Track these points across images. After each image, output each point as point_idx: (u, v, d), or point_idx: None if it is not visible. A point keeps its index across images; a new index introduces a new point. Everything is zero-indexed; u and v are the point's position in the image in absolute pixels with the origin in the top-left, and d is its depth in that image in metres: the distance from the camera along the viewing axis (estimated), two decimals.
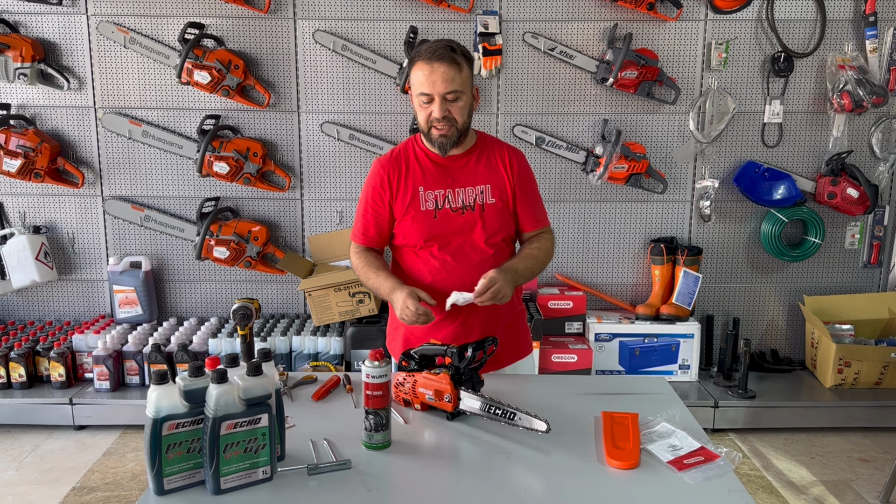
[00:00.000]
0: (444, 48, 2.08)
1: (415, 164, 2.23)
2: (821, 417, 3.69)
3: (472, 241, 2.22)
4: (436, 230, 2.21)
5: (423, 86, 2.09)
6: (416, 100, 2.13)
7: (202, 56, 3.60)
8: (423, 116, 2.14)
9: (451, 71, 2.07)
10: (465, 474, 1.67)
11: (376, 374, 1.70)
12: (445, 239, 2.22)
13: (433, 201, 2.21)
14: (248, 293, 4.00)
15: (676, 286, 3.83)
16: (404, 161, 2.24)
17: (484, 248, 2.22)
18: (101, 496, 3.04)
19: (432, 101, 2.10)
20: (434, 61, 2.06)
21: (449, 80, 2.07)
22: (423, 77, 2.09)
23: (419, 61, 2.09)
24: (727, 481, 1.62)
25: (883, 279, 4.11)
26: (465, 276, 2.18)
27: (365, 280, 2.26)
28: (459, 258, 2.21)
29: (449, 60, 2.07)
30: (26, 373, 3.60)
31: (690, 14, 3.79)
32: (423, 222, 2.20)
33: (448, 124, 2.12)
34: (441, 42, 2.11)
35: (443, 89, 2.07)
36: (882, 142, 3.92)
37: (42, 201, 3.92)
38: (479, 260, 2.21)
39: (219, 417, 1.47)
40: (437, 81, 2.07)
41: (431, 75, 2.07)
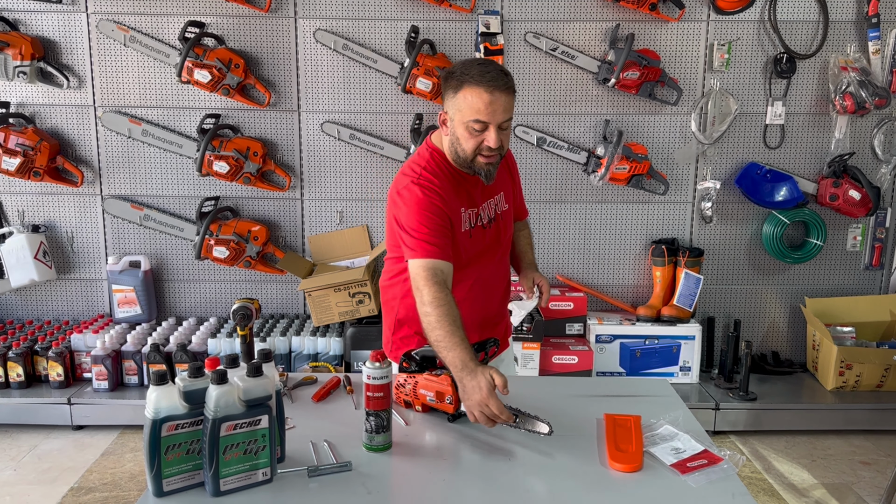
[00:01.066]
0: (499, 73, 1.96)
1: (452, 183, 2.10)
2: (822, 420, 3.68)
3: (497, 251, 2.24)
4: (471, 250, 2.15)
5: (481, 113, 1.94)
6: (464, 126, 1.97)
7: (202, 55, 3.59)
8: (471, 144, 1.99)
9: (509, 99, 1.97)
10: (466, 477, 1.66)
11: (377, 375, 1.69)
12: (478, 257, 2.18)
13: (468, 221, 2.13)
14: (248, 293, 3.99)
15: (677, 288, 3.81)
16: (445, 180, 2.08)
17: (503, 254, 2.29)
18: (100, 496, 3.03)
19: (485, 129, 1.97)
20: (496, 90, 1.93)
21: (508, 109, 1.98)
22: (480, 104, 1.93)
23: (475, 85, 1.94)
24: (731, 485, 1.61)
25: (884, 281, 4.10)
26: (494, 287, 2.25)
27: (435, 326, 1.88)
28: (491, 271, 2.23)
29: (508, 88, 1.96)
30: (24, 372, 3.59)
31: (693, 15, 3.78)
32: (463, 243, 2.12)
33: (497, 153, 2.03)
34: (493, 66, 1.98)
35: (502, 118, 1.97)
36: (884, 143, 3.91)
37: (41, 200, 3.90)
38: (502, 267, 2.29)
39: (218, 418, 1.46)
40: (497, 111, 1.95)
41: (492, 104, 1.94)
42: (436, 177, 2.06)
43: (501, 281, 2.29)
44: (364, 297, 3.66)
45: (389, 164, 3.88)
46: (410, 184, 2.05)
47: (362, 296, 3.66)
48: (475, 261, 2.16)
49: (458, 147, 2.02)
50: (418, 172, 2.07)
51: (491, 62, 2.03)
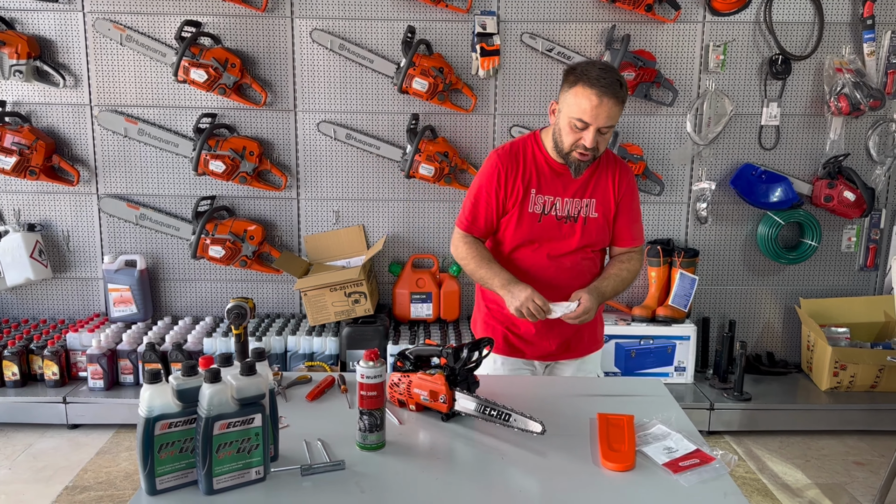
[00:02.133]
0: (616, 83, 2.07)
1: (531, 165, 2.26)
2: (816, 420, 3.69)
3: (567, 248, 2.30)
4: (537, 233, 2.28)
5: (585, 114, 2.08)
6: (568, 120, 2.13)
7: (199, 54, 3.59)
8: (570, 139, 2.14)
9: (616, 108, 2.08)
10: (459, 476, 1.67)
11: (371, 374, 1.69)
12: (543, 242, 2.29)
13: (541, 206, 2.27)
14: (244, 292, 3.99)
15: (673, 288, 3.82)
16: (522, 159, 2.26)
17: (576, 256, 2.33)
18: (95, 495, 3.03)
19: (586, 129, 2.10)
20: (605, 96, 2.05)
21: (611, 117, 2.08)
22: (586, 105, 2.07)
23: (587, 87, 2.07)
24: (722, 484, 1.62)
25: (879, 282, 4.11)
26: (556, 278, 2.31)
27: (473, 270, 2.29)
28: (553, 261, 2.30)
29: (617, 98, 2.07)
30: (20, 371, 3.58)
31: (688, 16, 3.79)
32: (528, 224, 2.27)
33: (592, 152, 2.15)
34: (612, 74, 2.08)
35: (603, 124, 2.08)
36: (879, 145, 3.92)
37: (37, 199, 3.90)
38: (570, 265, 2.32)
39: (212, 417, 1.46)
40: (600, 115, 2.07)
41: (598, 108, 2.06)
42: (515, 152, 2.27)
43: (577, 281, 2.32)
44: (360, 296, 3.66)
45: (385, 163, 3.88)
46: (493, 153, 2.32)
47: (358, 295, 3.66)
48: (540, 246, 2.29)
49: (559, 138, 2.18)
50: (503, 146, 2.32)
51: (613, 69, 2.12)
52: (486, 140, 3.88)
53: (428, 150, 3.69)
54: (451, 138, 3.86)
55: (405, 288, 3.91)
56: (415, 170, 3.72)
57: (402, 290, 3.91)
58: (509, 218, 2.29)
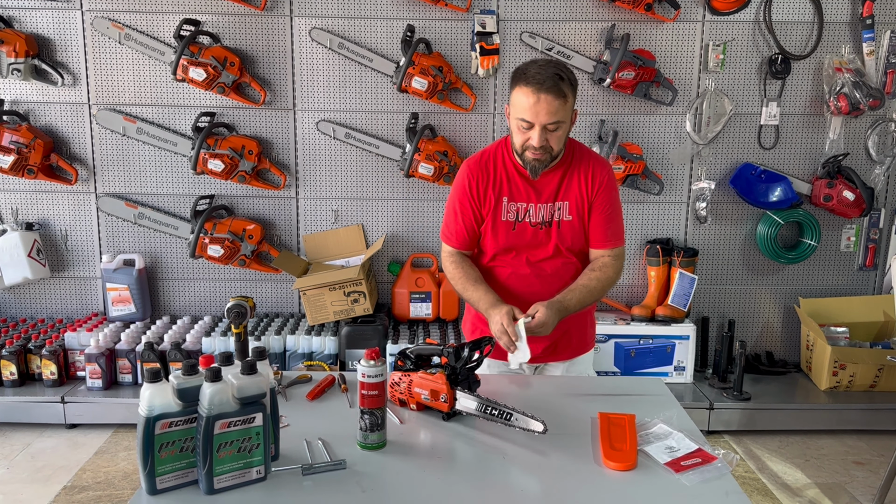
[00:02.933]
0: (553, 77, 2.03)
1: (502, 173, 2.23)
2: (816, 420, 3.69)
3: (545, 253, 2.28)
4: (513, 241, 2.27)
5: (525, 113, 2.06)
6: (515, 122, 2.12)
7: (198, 53, 3.58)
8: (519, 139, 2.13)
9: (556, 102, 2.04)
10: (460, 475, 1.66)
11: (372, 373, 1.69)
12: (521, 250, 2.28)
13: (514, 213, 2.24)
14: (243, 292, 3.98)
15: (672, 288, 3.82)
16: (492, 168, 2.24)
17: (556, 262, 2.29)
18: (93, 495, 3.02)
19: (532, 128, 2.08)
20: (542, 91, 2.02)
21: (553, 112, 2.05)
22: (526, 104, 2.05)
23: (524, 85, 2.05)
24: (724, 483, 1.61)
25: (878, 282, 4.11)
26: (537, 284, 2.28)
27: (461, 291, 2.28)
28: (533, 267, 2.28)
29: (556, 92, 2.03)
30: (18, 371, 3.57)
31: (688, 15, 3.78)
32: (503, 232, 2.26)
33: (544, 152, 2.12)
34: (549, 68, 2.05)
35: (545, 120, 2.05)
36: (878, 144, 3.93)
37: (35, 198, 3.89)
38: (551, 271, 2.30)
39: (212, 416, 1.45)
40: (540, 112, 2.04)
41: (536, 105, 2.04)
42: (485, 161, 2.25)
43: (556, 286, 2.25)
44: (359, 296, 3.65)
45: (385, 163, 3.88)
46: (463, 163, 2.31)
47: (357, 295, 3.65)
48: (518, 253, 2.28)
49: (512, 139, 2.19)
50: (473, 156, 2.31)
51: (554, 64, 2.09)
52: (485, 139, 3.88)
53: (427, 150, 3.68)
54: (451, 137, 3.85)
55: (404, 287, 3.90)
56: (414, 169, 3.72)
57: (401, 290, 3.90)
58: (485, 227, 2.27)
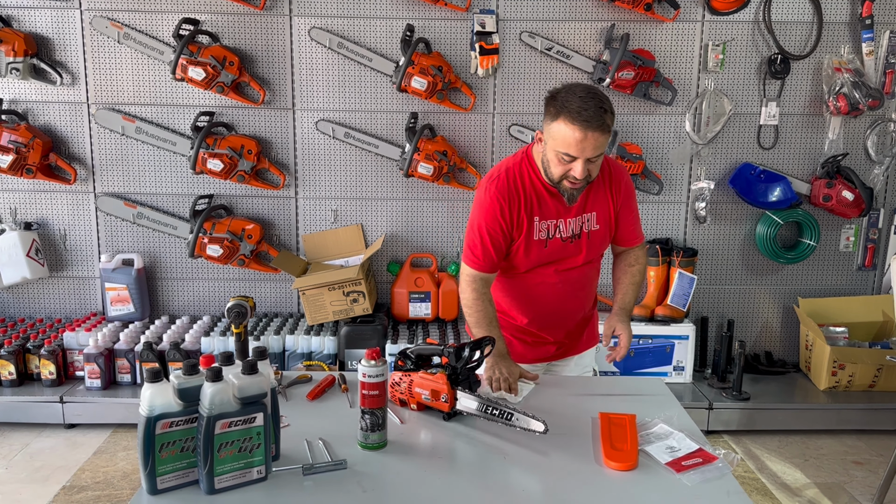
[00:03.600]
0: (598, 113, 1.97)
1: (531, 192, 2.18)
2: (815, 420, 3.69)
3: (574, 263, 2.30)
4: (545, 257, 2.26)
5: (570, 148, 2.00)
6: (554, 153, 2.05)
7: (197, 52, 3.58)
8: (559, 171, 2.07)
9: (602, 138, 2.00)
10: (461, 475, 1.66)
11: (373, 373, 1.69)
12: (551, 263, 2.27)
13: (545, 231, 2.22)
14: (242, 291, 3.98)
15: (671, 287, 3.82)
16: (521, 189, 2.17)
17: (582, 268, 2.32)
18: (92, 495, 3.01)
19: (574, 160, 2.03)
20: (589, 129, 1.96)
21: (599, 147, 2.01)
22: (571, 140, 1.98)
23: (569, 122, 1.98)
24: (725, 483, 1.62)
25: (877, 282, 4.12)
26: (563, 290, 2.31)
27: (474, 324, 2.23)
28: (560, 275, 2.29)
29: (603, 128, 1.98)
30: (16, 370, 3.57)
31: (688, 15, 3.78)
32: (535, 251, 2.24)
33: (584, 181, 2.09)
34: (592, 102, 1.98)
35: (591, 154, 2.01)
36: (877, 144, 3.93)
37: (33, 197, 3.88)
38: (577, 277, 2.32)
39: (213, 416, 1.45)
40: (587, 148, 1.99)
41: (583, 142, 1.98)
42: (513, 183, 2.17)
43: (581, 291, 2.37)
44: (358, 295, 3.65)
45: (384, 162, 3.87)
46: (485, 183, 2.21)
47: (356, 294, 3.65)
48: (551, 267, 2.27)
49: (548, 168, 2.12)
50: (498, 174, 2.20)
51: (594, 95, 2.00)
52: (484, 139, 3.88)
53: (427, 149, 3.68)
54: (450, 137, 3.85)
55: (404, 287, 3.90)
56: (413, 168, 3.71)
57: (400, 290, 3.90)
58: (517, 247, 2.24)
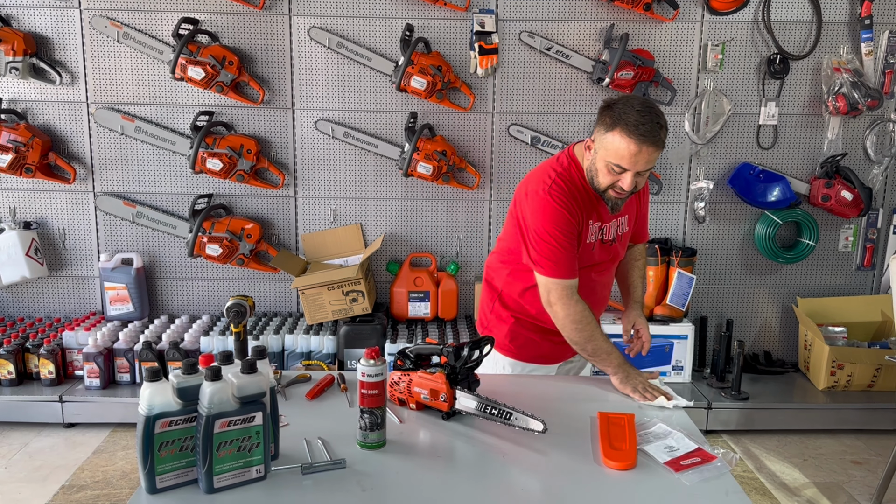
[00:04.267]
0: (654, 126, 1.96)
1: (585, 195, 2.16)
2: (814, 419, 3.70)
3: (610, 265, 2.36)
4: (589, 261, 2.25)
5: (623, 161, 1.99)
6: (604, 163, 2.03)
7: (196, 52, 3.58)
8: (607, 180, 2.06)
9: (656, 153, 1.99)
10: (460, 474, 1.66)
11: (372, 372, 1.69)
12: (593, 267, 2.28)
13: (595, 234, 2.22)
14: (241, 291, 3.98)
15: (670, 287, 3.82)
16: (578, 191, 2.15)
17: (609, 269, 2.37)
18: (91, 494, 3.02)
19: (623, 172, 2.02)
20: (645, 144, 1.95)
21: (650, 161, 2.01)
22: (625, 153, 1.97)
23: (626, 135, 1.96)
24: (724, 482, 1.62)
25: (876, 282, 4.12)
26: (594, 288, 2.31)
27: (589, 336, 2.14)
28: (597, 275, 2.31)
29: (657, 144, 1.97)
30: (15, 370, 3.57)
31: (687, 15, 3.79)
32: (585, 254, 2.22)
33: (630, 193, 2.09)
34: (650, 117, 1.96)
35: (642, 168, 2.01)
36: (876, 145, 3.93)
37: (33, 197, 3.88)
38: (602, 277, 2.35)
39: (212, 415, 1.45)
40: (640, 162, 1.99)
41: (637, 156, 1.97)
42: (569, 186, 2.14)
43: (605, 289, 2.42)
44: (357, 295, 3.65)
45: (383, 162, 3.87)
46: (542, 191, 2.12)
47: (356, 294, 3.65)
48: (591, 270, 2.27)
49: (595, 177, 2.10)
50: (553, 179, 2.13)
51: (651, 110, 1.99)
52: (484, 138, 3.88)
53: (426, 149, 3.68)
54: (450, 137, 3.85)
55: (403, 287, 3.90)
56: (413, 168, 3.71)
57: (399, 289, 3.90)
58: None
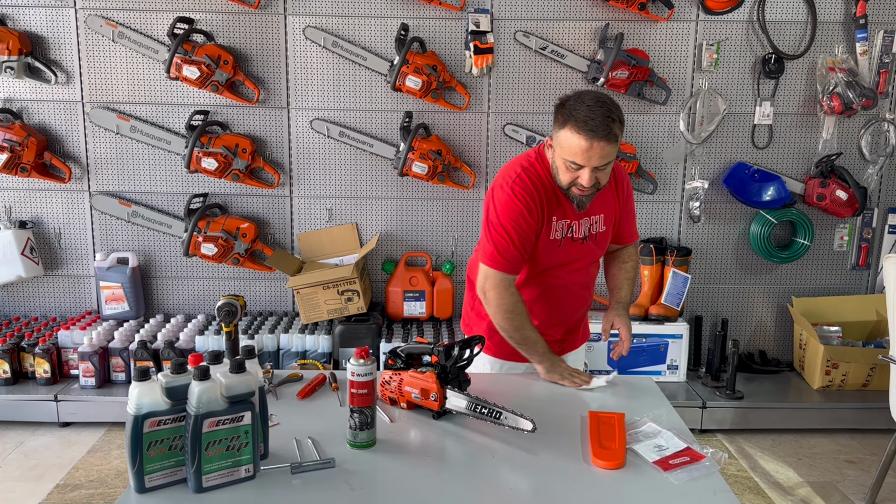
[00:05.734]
0: (605, 122, 1.96)
1: (550, 192, 2.16)
2: (808, 419, 3.70)
3: (583, 264, 2.31)
4: (557, 259, 2.25)
5: (577, 157, 2.00)
6: (562, 161, 2.06)
7: (191, 51, 3.58)
8: (567, 178, 2.07)
9: (609, 147, 1.99)
10: (450, 473, 1.67)
11: (361, 372, 1.69)
12: (565, 266, 2.27)
13: (561, 231, 2.21)
14: (236, 290, 3.98)
15: (665, 287, 3.83)
16: (541, 187, 2.15)
17: (587, 269, 2.34)
18: (86, 493, 3.02)
19: (581, 168, 2.03)
20: (595, 139, 1.96)
21: (605, 157, 2.01)
22: (577, 149, 1.99)
23: (576, 131, 1.98)
24: (713, 482, 1.62)
25: (871, 281, 4.13)
26: (568, 292, 2.32)
27: (518, 326, 2.18)
28: (570, 275, 2.29)
29: (609, 137, 1.97)
30: (11, 369, 3.57)
31: (682, 15, 3.79)
32: (550, 251, 2.22)
33: (592, 188, 2.09)
34: (600, 110, 1.97)
35: (598, 164, 2.01)
36: (871, 144, 3.93)
37: (28, 196, 3.88)
38: (581, 278, 2.34)
39: (201, 415, 1.45)
40: (593, 157, 1.99)
41: (588, 151, 1.98)
42: (533, 182, 2.15)
43: (584, 290, 2.38)
44: (353, 294, 3.66)
45: (379, 161, 3.88)
46: (506, 186, 2.15)
47: (351, 293, 3.66)
48: (562, 269, 2.27)
49: (556, 175, 2.12)
50: (517, 174, 2.16)
51: (602, 104, 1.99)
52: (479, 138, 3.88)
53: (421, 148, 3.69)
54: (445, 136, 3.85)
55: (398, 286, 3.90)
56: (408, 168, 3.72)
57: (395, 288, 3.91)
58: (534, 247, 2.23)
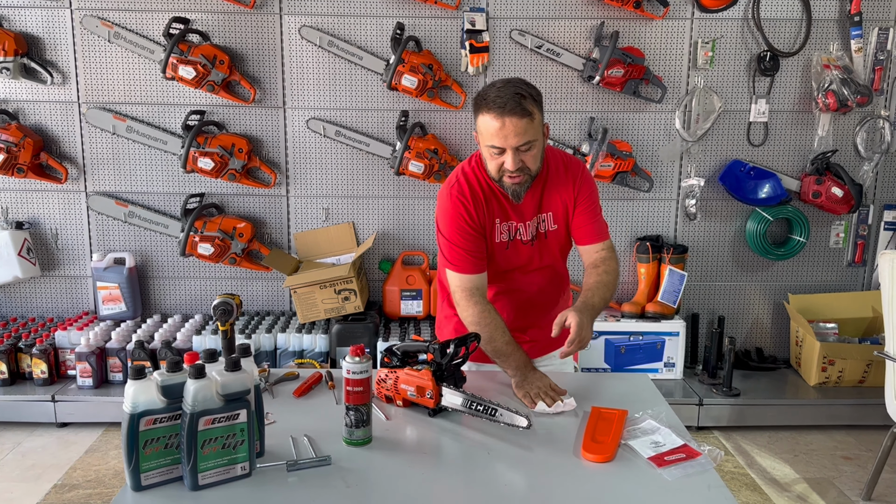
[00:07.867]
0: (514, 97, 1.95)
1: (489, 195, 2.15)
2: (805, 415, 3.71)
3: (536, 265, 2.25)
4: (507, 262, 2.22)
5: (494, 139, 1.98)
6: (486, 149, 2.04)
7: (187, 51, 3.58)
8: (493, 166, 2.05)
9: (522, 122, 1.96)
10: (446, 470, 1.67)
11: (357, 369, 1.70)
12: (515, 269, 2.24)
13: (506, 233, 2.19)
14: (233, 290, 3.98)
15: (662, 284, 3.83)
16: (479, 191, 2.14)
17: (544, 272, 2.28)
18: (83, 493, 3.02)
19: (503, 153, 2.01)
20: (505, 115, 1.94)
21: (521, 133, 1.97)
22: (492, 129, 1.97)
23: (486, 112, 1.98)
24: (707, 478, 1.62)
25: (867, 278, 4.14)
26: (529, 292, 2.27)
27: (487, 340, 2.08)
28: (525, 276, 2.26)
29: (520, 112, 1.95)
30: (8, 370, 3.57)
31: (677, 13, 3.79)
32: (498, 254, 2.20)
33: (521, 174, 2.04)
34: (509, 89, 1.97)
35: (515, 143, 1.98)
36: (866, 141, 3.94)
37: (25, 197, 3.88)
38: (540, 281, 2.28)
39: (196, 413, 1.46)
40: (508, 136, 1.97)
41: (503, 129, 1.96)
42: (471, 185, 2.14)
43: (542, 295, 2.30)
44: (350, 293, 3.66)
45: (375, 160, 3.88)
46: (445, 191, 2.16)
47: (348, 293, 3.66)
48: (512, 272, 2.24)
49: (486, 165, 2.10)
50: (456, 178, 2.17)
51: (512, 84, 1.99)
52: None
53: (417, 147, 3.69)
54: (441, 135, 3.86)
55: (395, 285, 3.90)
56: (404, 167, 3.72)
57: (392, 287, 3.91)
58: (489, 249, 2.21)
